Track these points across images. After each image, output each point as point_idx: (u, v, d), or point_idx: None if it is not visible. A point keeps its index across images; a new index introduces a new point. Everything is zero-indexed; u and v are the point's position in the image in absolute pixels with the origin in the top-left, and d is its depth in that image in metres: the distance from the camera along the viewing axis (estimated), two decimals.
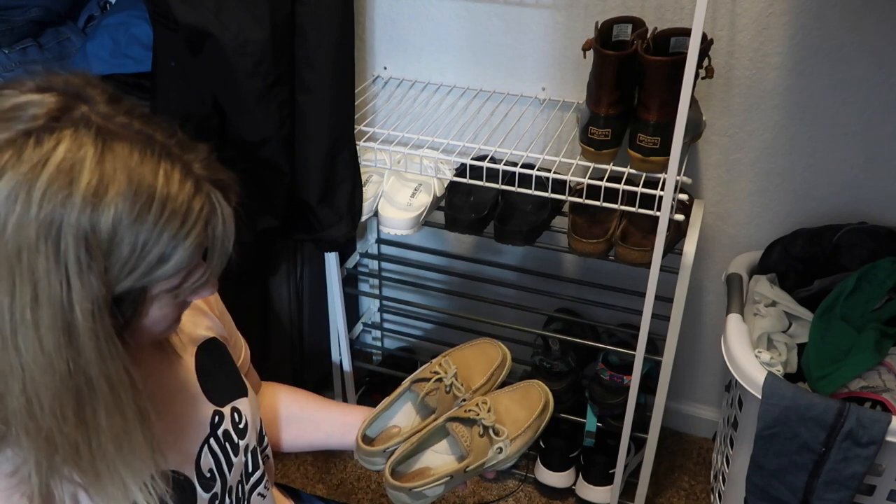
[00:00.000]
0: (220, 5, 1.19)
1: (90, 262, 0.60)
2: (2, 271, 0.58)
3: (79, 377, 0.62)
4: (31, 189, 0.58)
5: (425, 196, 1.50)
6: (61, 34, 1.69)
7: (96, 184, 0.59)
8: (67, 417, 0.63)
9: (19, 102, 0.60)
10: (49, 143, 0.59)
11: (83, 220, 0.59)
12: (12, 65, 1.57)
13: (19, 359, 0.61)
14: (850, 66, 1.35)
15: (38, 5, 1.61)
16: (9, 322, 0.59)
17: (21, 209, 0.58)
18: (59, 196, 0.58)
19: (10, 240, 0.58)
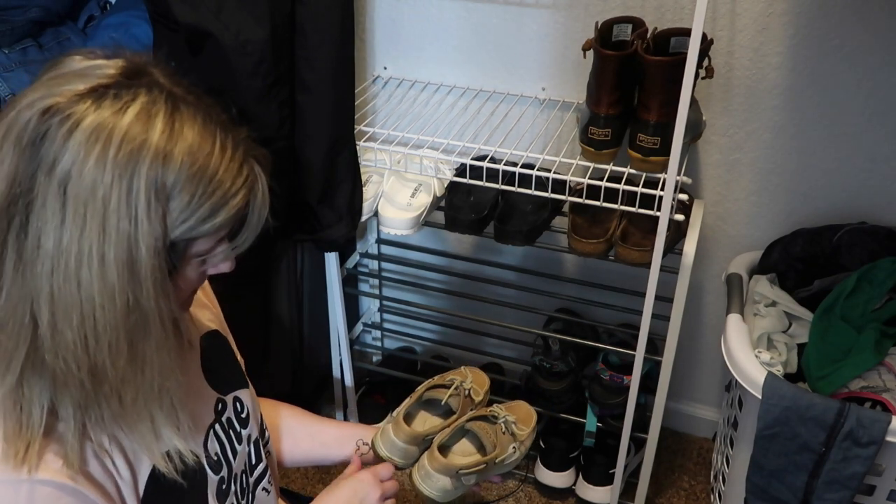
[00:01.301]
0: (220, 5, 1.19)
1: (157, 205, 0.65)
2: (76, 206, 0.62)
3: (137, 312, 0.66)
4: (111, 133, 0.63)
5: (425, 196, 1.50)
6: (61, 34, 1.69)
7: (167, 137, 0.65)
8: (121, 351, 0.67)
9: (92, 64, 0.66)
10: (127, 97, 0.65)
11: (155, 166, 0.64)
12: (12, 65, 1.57)
13: (81, 292, 0.64)
14: (850, 66, 1.35)
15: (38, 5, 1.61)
16: (75, 255, 0.63)
17: (100, 150, 0.62)
18: (137, 142, 0.63)
19: (86, 176, 0.62)
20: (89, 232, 0.63)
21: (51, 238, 0.63)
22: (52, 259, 0.63)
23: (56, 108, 0.63)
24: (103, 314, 0.65)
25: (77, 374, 0.67)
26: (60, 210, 0.63)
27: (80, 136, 0.62)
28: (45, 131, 0.62)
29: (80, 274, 0.64)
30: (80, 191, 0.62)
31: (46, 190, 0.63)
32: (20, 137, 0.63)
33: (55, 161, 0.62)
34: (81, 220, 0.63)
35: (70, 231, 0.63)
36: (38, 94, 0.64)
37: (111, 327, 0.66)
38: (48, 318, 0.65)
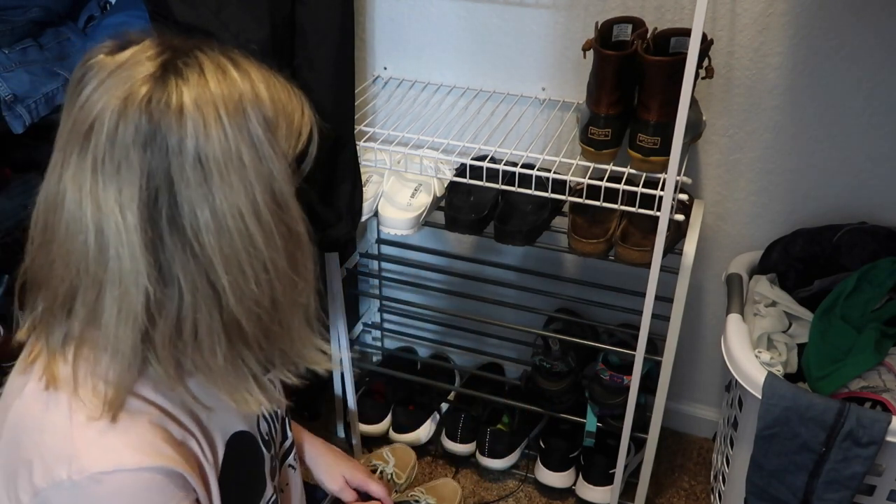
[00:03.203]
0: (219, 5, 1.19)
1: (272, 137, 0.70)
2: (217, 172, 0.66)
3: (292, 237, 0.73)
4: (211, 97, 0.66)
5: (425, 196, 1.50)
6: (61, 34, 1.69)
7: (247, 81, 0.69)
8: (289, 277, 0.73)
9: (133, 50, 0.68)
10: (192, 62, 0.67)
11: (256, 108, 0.69)
12: (12, 65, 1.57)
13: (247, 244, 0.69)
14: (850, 66, 1.35)
15: (38, 5, 1.61)
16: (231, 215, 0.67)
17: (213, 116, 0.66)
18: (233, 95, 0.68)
19: (214, 143, 0.66)
20: (237, 189, 0.67)
21: (206, 210, 0.66)
22: (212, 228, 0.67)
23: (150, 98, 0.65)
24: (270, 253, 0.70)
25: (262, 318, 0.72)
26: (204, 182, 0.66)
27: (191, 111, 0.65)
28: (157, 121, 0.65)
29: (242, 228, 0.68)
30: (213, 156, 0.66)
31: (184, 170, 0.65)
32: (138, 136, 0.65)
33: (181, 142, 0.65)
34: (226, 182, 0.67)
35: (219, 196, 0.66)
36: (113, 96, 0.65)
37: (280, 260, 0.71)
38: (228, 280, 0.69)
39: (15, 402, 0.74)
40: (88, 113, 0.66)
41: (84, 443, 0.69)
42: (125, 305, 0.68)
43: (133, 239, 0.66)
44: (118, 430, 0.70)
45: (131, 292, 0.67)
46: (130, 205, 0.65)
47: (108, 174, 0.65)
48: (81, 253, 0.68)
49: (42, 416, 0.71)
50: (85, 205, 0.66)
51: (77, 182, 0.66)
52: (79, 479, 0.67)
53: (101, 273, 0.67)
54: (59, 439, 0.69)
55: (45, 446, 0.70)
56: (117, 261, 0.66)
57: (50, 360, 0.72)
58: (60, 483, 0.68)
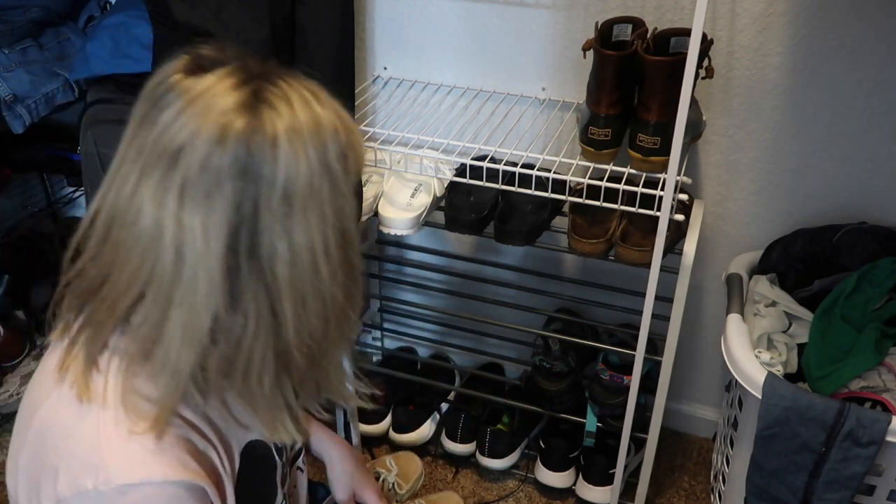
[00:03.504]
0: (220, 5, 1.19)
1: (345, 173, 0.71)
2: (300, 207, 0.67)
3: (352, 269, 0.74)
4: (300, 130, 0.67)
5: (425, 196, 1.50)
6: (61, 34, 1.69)
7: (329, 117, 0.70)
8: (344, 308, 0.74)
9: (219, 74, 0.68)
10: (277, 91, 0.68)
11: (334, 141, 0.69)
12: (12, 65, 1.57)
13: (315, 278, 0.70)
14: (850, 66, 1.35)
15: (38, 5, 1.61)
16: (306, 249, 0.69)
17: (302, 150, 0.67)
18: (318, 128, 0.68)
19: (301, 178, 0.67)
20: (314, 224, 0.68)
21: (284, 241, 0.67)
22: (287, 260, 0.68)
23: (248, 130, 0.65)
24: (332, 287, 0.71)
25: (312, 350, 0.73)
26: (287, 214, 0.67)
27: (284, 145, 0.66)
28: (254, 153, 0.65)
29: (312, 262, 0.69)
30: (299, 192, 0.67)
31: (271, 202, 0.66)
32: (235, 167, 0.65)
33: (273, 175, 0.66)
34: (306, 216, 0.68)
35: (297, 229, 0.68)
36: (206, 122, 0.65)
37: (339, 295, 0.72)
38: (291, 310, 0.70)
39: (43, 406, 0.73)
40: (174, 137, 0.66)
41: (112, 454, 0.69)
42: (191, 327, 0.68)
43: (213, 264, 0.66)
44: (146, 443, 0.70)
45: (201, 316, 0.68)
46: (217, 231, 0.66)
47: (196, 199, 0.65)
48: (153, 271, 0.68)
49: (71, 424, 0.71)
50: (166, 226, 0.66)
51: (158, 202, 0.66)
52: (105, 490, 0.67)
53: (172, 293, 0.68)
54: (87, 448, 0.69)
55: (73, 455, 0.70)
56: (193, 283, 0.67)
57: (86, 371, 0.72)
58: (85, 492, 0.68)
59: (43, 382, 0.76)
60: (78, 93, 1.66)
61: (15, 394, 1.85)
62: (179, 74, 0.69)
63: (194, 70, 0.69)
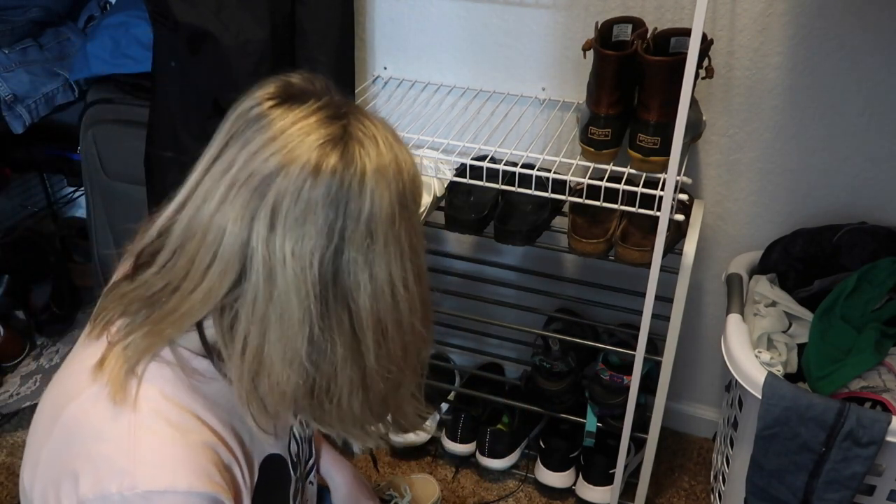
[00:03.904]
0: (220, 5, 1.19)
1: (416, 210, 0.75)
2: (382, 240, 0.71)
3: (426, 302, 0.78)
4: (385, 170, 0.71)
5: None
6: (61, 34, 1.69)
7: (406, 158, 0.73)
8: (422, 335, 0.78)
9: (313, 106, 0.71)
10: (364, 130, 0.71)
11: (409, 182, 0.73)
12: (12, 65, 1.57)
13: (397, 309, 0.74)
14: (850, 65, 1.35)
15: (38, 5, 1.61)
16: (387, 282, 0.72)
17: (385, 188, 0.70)
18: (399, 169, 0.72)
19: (384, 214, 0.70)
20: (393, 258, 0.72)
21: (366, 273, 0.71)
22: (369, 291, 0.71)
23: (342, 165, 0.69)
24: (411, 318, 0.75)
25: (393, 375, 0.76)
26: (371, 249, 0.70)
27: (371, 183, 0.69)
28: (346, 187, 0.68)
29: (391, 293, 0.72)
30: (382, 227, 0.70)
31: (356, 234, 0.69)
32: (327, 198, 0.68)
33: (360, 209, 0.69)
34: (387, 250, 0.71)
35: (379, 262, 0.71)
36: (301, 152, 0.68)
37: (417, 324, 0.76)
38: (374, 340, 0.73)
39: (74, 402, 0.73)
40: (266, 163, 0.68)
41: (142, 460, 0.69)
42: (291, 349, 0.71)
43: (307, 289, 0.69)
44: (175, 451, 0.71)
45: (298, 337, 0.70)
46: (310, 258, 0.69)
47: (288, 225, 0.68)
48: (236, 292, 0.70)
49: (103, 426, 0.71)
50: (256, 248, 0.69)
51: (244, 224, 0.69)
52: (129, 496, 0.67)
53: (269, 315, 0.70)
54: (117, 452, 0.69)
55: (101, 457, 0.70)
56: (288, 306, 0.70)
57: (127, 374, 0.72)
58: (109, 496, 0.67)
59: (76, 378, 0.76)
60: (78, 93, 1.66)
61: (15, 394, 1.85)
62: (272, 101, 0.71)
63: (285, 99, 0.72)
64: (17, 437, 1.84)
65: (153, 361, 0.73)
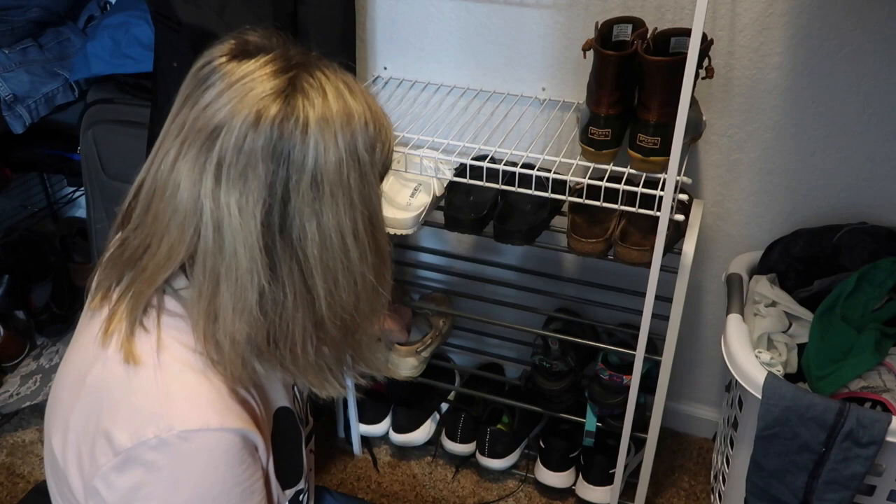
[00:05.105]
0: (223, 5, 1.19)
1: (374, 159, 0.75)
2: (329, 191, 0.71)
3: (379, 251, 0.78)
4: (332, 119, 0.71)
5: (425, 196, 1.50)
6: (61, 34, 1.69)
7: (360, 108, 0.74)
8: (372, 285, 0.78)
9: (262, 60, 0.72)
10: (313, 81, 0.72)
11: (364, 130, 0.73)
12: (12, 65, 1.57)
13: (346, 258, 0.74)
14: (850, 66, 1.35)
15: (38, 5, 1.61)
16: (335, 232, 0.73)
17: (331, 138, 0.71)
18: (349, 118, 0.72)
19: (330, 164, 0.71)
20: (342, 208, 0.72)
21: (314, 223, 0.72)
22: (317, 241, 0.72)
23: (282, 115, 0.69)
24: (362, 267, 0.76)
25: (346, 322, 0.77)
26: (316, 198, 0.71)
27: (314, 132, 0.70)
28: (286, 138, 0.69)
29: (341, 244, 0.73)
30: (328, 178, 0.71)
31: (301, 187, 0.70)
32: (266, 150, 0.69)
33: (303, 160, 0.70)
34: (334, 201, 0.72)
35: (326, 213, 0.72)
36: (244, 105, 0.69)
37: (368, 274, 0.77)
38: (324, 287, 0.74)
39: (93, 369, 0.76)
40: (213, 116, 0.70)
41: (175, 402, 0.72)
42: (241, 300, 0.72)
43: (251, 240, 0.70)
44: (204, 392, 0.73)
45: (247, 289, 0.72)
46: (253, 210, 0.70)
47: (232, 179, 0.69)
48: (195, 245, 0.72)
49: (130, 381, 0.73)
50: (204, 202, 0.70)
51: (194, 178, 0.70)
52: (167, 437, 0.70)
53: (217, 268, 0.72)
54: (150, 400, 0.72)
55: (133, 408, 0.72)
56: (234, 258, 0.71)
57: (130, 336, 0.75)
58: (146, 441, 0.70)
59: (86, 349, 0.78)
60: (78, 93, 1.66)
61: (15, 394, 1.85)
62: (225, 57, 0.73)
63: (239, 54, 0.73)
64: (17, 437, 1.84)
65: (164, 315, 0.76)
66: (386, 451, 1.84)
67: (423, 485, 1.76)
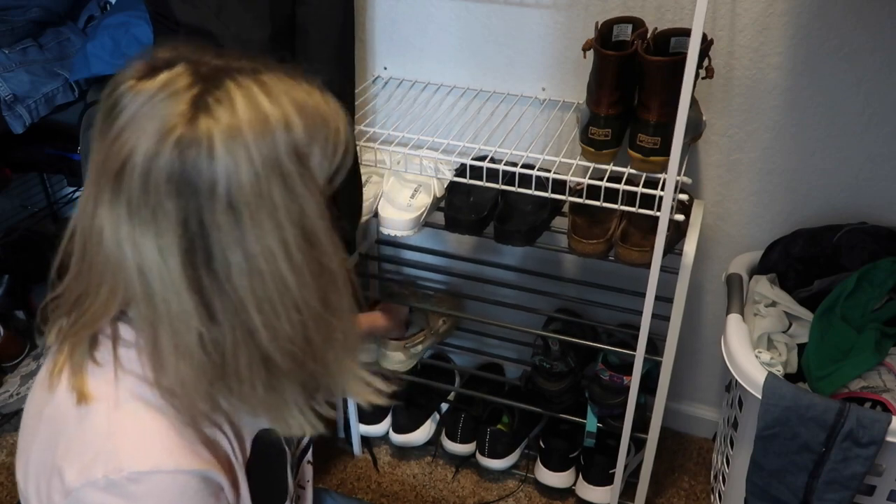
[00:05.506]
0: (220, 5, 1.19)
1: (304, 170, 0.67)
2: (248, 214, 0.64)
3: (325, 273, 0.70)
4: (240, 132, 0.64)
5: (425, 197, 1.50)
6: (61, 34, 1.69)
7: (276, 106, 0.66)
8: (322, 314, 0.71)
9: (163, 81, 0.66)
10: (222, 94, 0.65)
11: (285, 138, 0.66)
12: (12, 65, 1.57)
13: (279, 285, 0.67)
14: (850, 66, 1.35)
15: (38, 5, 1.61)
16: (263, 257, 0.66)
17: (243, 154, 0.64)
18: (262, 127, 0.65)
19: (244, 183, 0.64)
20: (268, 230, 0.66)
21: (238, 252, 0.65)
22: (245, 270, 0.66)
23: (182, 138, 0.63)
24: (302, 292, 0.69)
25: (297, 355, 0.71)
26: (236, 224, 0.65)
27: (221, 152, 0.63)
28: (189, 167, 0.63)
29: (273, 270, 0.67)
30: (245, 199, 0.64)
31: (216, 214, 0.64)
32: (171, 183, 0.63)
33: (213, 185, 0.63)
34: (257, 224, 0.65)
35: (250, 238, 0.65)
36: (144, 136, 0.63)
37: (312, 300, 0.70)
38: (261, 319, 0.68)
39: (48, 406, 0.74)
40: (119, 150, 0.64)
41: (123, 441, 0.68)
42: (181, 344, 0.68)
43: (177, 283, 0.66)
44: (158, 430, 0.70)
45: (184, 332, 0.68)
46: (171, 250, 0.65)
47: (144, 220, 0.64)
48: (129, 291, 0.68)
49: (80, 419, 0.70)
50: (125, 247, 0.66)
51: (112, 223, 0.66)
52: (116, 478, 0.67)
53: (151, 314, 0.68)
54: (97, 438, 0.69)
55: (82, 444, 0.69)
56: (165, 303, 0.67)
57: (77, 375, 0.72)
58: (95, 482, 0.67)
59: (42, 385, 0.76)
60: (78, 93, 1.66)
61: (15, 394, 1.85)
62: (131, 81, 0.66)
63: (145, 75, 0.66)
64: (17, 437, 1.84)
65: (120, 346, 0.72)
66: (386, 451, 1.84)
67: (423, 485, 1.75)
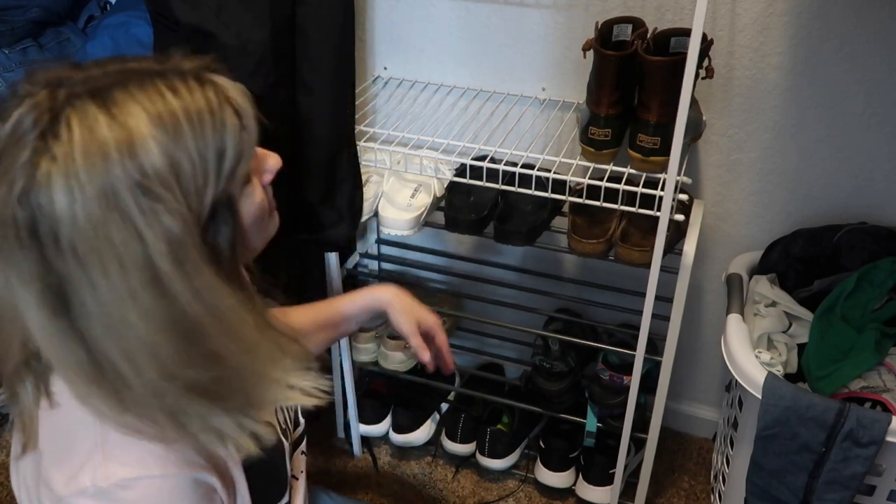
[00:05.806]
0: (220, 5, 1.19)
1: (153, 204, 0.61)
2: (91, 260, 0.60)
3: (184, 321, 0.64)
4: (72, 167, 0.59)
5: (425, 196, 1.50)
6: (61, 34, 1.69)
7: (123, 136, 0.60)
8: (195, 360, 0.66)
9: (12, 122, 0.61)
10: (64, 132, 0.60)
11: (129, 171, 0.60)
12: (12, 65, 1.57)
13: (134, 332, 0.63)
14: (850, 66, 1.35)
15: (38, 5, 1.61)
16: (113, 304, 0.62)
17: (77, 189, 0.59)
18: (99, 166, 0.59)
19: (82, 226, 0.60)
20: (113, 276, 0.61)
21: (89, 301, 0.62)
22: (100, 320, 0.62)
23: (25, 188, 0.60)
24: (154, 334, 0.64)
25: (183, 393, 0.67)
26: (83, 273, 0.61)
27: (59, 192, 0.59)
28: (35, 213, 0.60)
29: (124, 318, 0.62)
30: (87, 243, 0.60)
31: (64, 264, 0.61)
32: (19, 238, 0.60)
33: (57, 231, 0.60)
34: (101, 269, 0.61)
35: (99, 285, 0.61)
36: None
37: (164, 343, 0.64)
38: (127, 368, 0.64)
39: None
40: None
41: (111, 450, 0.68)
42: (79, 385, 0.67)
43: (51, 332, 0.63)
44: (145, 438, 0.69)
45: (74, 377, 0.66)
46: (36, 301, 0.62)
47: (8, 272, 0.62)
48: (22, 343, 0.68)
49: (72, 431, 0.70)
50: (3, 296, 0.64)
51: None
52: (104, 486, 0.67)
53: (46, 359, 0.67)
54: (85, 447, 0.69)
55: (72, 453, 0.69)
56: (47, 352, 0.66)
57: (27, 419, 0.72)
58: (84, 490, 0.67)
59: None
60: None
61: None
62: None
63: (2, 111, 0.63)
64: None
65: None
66: (386, 451, 1.84)
67: (423, 485, 1.76)
